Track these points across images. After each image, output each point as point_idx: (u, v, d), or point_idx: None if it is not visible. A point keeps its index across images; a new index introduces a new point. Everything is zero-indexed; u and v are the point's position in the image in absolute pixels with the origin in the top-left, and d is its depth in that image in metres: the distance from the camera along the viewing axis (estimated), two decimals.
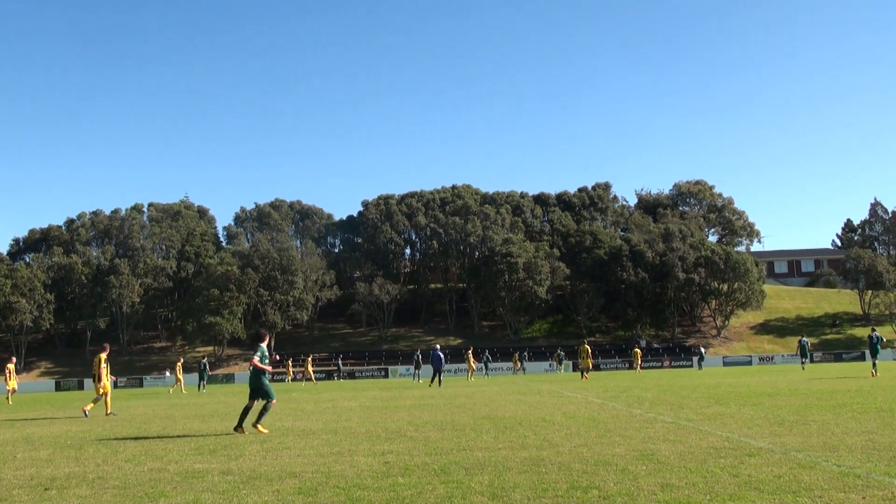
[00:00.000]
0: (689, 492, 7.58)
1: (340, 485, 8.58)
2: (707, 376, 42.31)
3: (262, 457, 11.17)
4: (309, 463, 10.35)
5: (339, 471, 9.56)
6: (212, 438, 14.35)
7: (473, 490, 8.03)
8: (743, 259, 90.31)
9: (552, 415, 17.28)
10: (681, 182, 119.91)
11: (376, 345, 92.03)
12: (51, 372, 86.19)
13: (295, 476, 9.25)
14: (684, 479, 8.26)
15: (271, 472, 9.59)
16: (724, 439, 11.55)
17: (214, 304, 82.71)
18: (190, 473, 9.77)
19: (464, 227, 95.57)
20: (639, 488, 7.81)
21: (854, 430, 12.37)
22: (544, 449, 11.05)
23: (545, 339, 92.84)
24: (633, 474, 8.61)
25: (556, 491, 7.84)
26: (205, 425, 17.66)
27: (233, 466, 10.24)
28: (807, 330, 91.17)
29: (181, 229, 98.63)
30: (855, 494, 7.27)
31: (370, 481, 8.73)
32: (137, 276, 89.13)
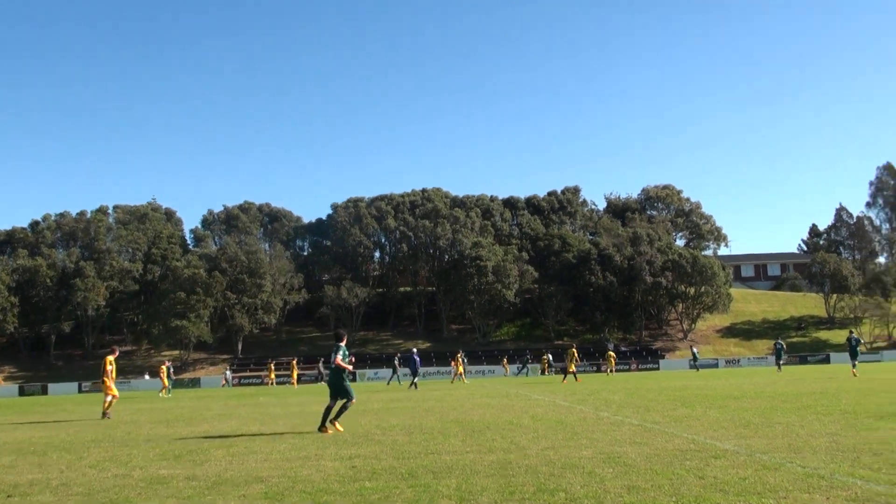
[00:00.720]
0: (656, 494, 7.63)
1: (307, 489, 8.55)
2: (674, 379, 42.57)
3: (228, 462, 11.10)
4: (275, 468, 10.31)
5: (305, 475, 9.53)
6: (177, 443, 14.24)
7: (441, 493, 8.03)
8: (710, 263, 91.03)
9: (520, 418, 17.33)
10: (649, 187, 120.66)
11: None
12: (14, 377, 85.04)
13: (261, 481, 9.20)
14: (650, 481, 8.31)
15: (237, 478, 9.53)
16: (690, 441, 11.64)
17: (181, 308, 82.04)
18: (155, 479, 9.69)
19: (433, 230, 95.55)
20: (605, 491, 7.85)
21: (818, 431, 12.52)
22: (512, 452, 11.08)
23: (513, 343, 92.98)
24: (600, 477, 8.66)
25: (524, 494, 7.86)
26: (170, 430, 17.53)
27: (198, 472, 10.17)
28: (773, 333, 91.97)
29: (148, 232, 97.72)
30: (819, 495, 7.35)
31: (337, 486, 8.71)
32: (103, 279, 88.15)
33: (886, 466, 8.79)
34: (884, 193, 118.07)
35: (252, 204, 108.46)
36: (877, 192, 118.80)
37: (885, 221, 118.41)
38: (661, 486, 8.02)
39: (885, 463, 9.03)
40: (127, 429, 18.41)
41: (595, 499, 7.51)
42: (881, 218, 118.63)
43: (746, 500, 7.23)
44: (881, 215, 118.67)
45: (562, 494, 7.75)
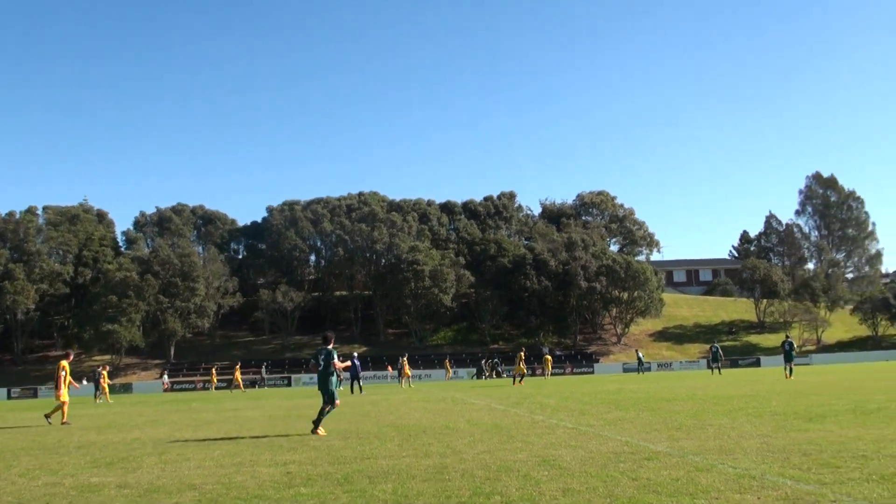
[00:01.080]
0: (590, 496, 7.70)
1: (241, 496, 8.45)
2: (608, 382, 43.01)
3: (161, 469, 10.92)
4: (209, 474, 10.16)
5: (239, 482, 9.41)
6: (109, 450, 13.96)
7: (377, 498, 8.00)
8: (643, 268, 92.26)
9: (456, 422, 17.34)
10: (584, 193, 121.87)
11: (279, 353, 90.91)
12: None
13: (194, 488, 9.07)
14: (585, 483, 8.38)
15: (170, 485, 9.38)
16: (624, 444, 11.77)
17: (112, 312, 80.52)
18: (86, 487, 9.49)
19: (370, 234, 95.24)
20: (541, 493, 7.89)
21: (749, 433, 12.74)
22: (448, 456, 11.08)
23: (450, 347, 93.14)
24: (535, 480, 8.71)
25: (460, 498, 7.87)
26: (101, 437, 17.18)
27: (130, 479, 9.99)
28: (704, 337, 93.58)
29: (79, 233, 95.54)
30: (750, 495, 7.48)
31: (272, 492, 8.62)
32: (33, 282, 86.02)
33: (816, 466, 8.98)
34: (812, 202, 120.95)
35: (185, 206, 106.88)
36: (806, 200, 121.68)
37: (813, 229, 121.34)
38: (596, 488, 8.09)
39: (815, 463, 9.23)
40: (58, 436, 18.00)
41: (530, 501, 7.55)
42: (810, 226, 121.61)
43: (679, 501, 7.33)
44: (810, 223, 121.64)
45: (497, 498, 7.78)
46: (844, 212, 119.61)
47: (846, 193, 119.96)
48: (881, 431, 12.31)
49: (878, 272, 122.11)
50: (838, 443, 11.03)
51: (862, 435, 11.90)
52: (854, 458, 9.56)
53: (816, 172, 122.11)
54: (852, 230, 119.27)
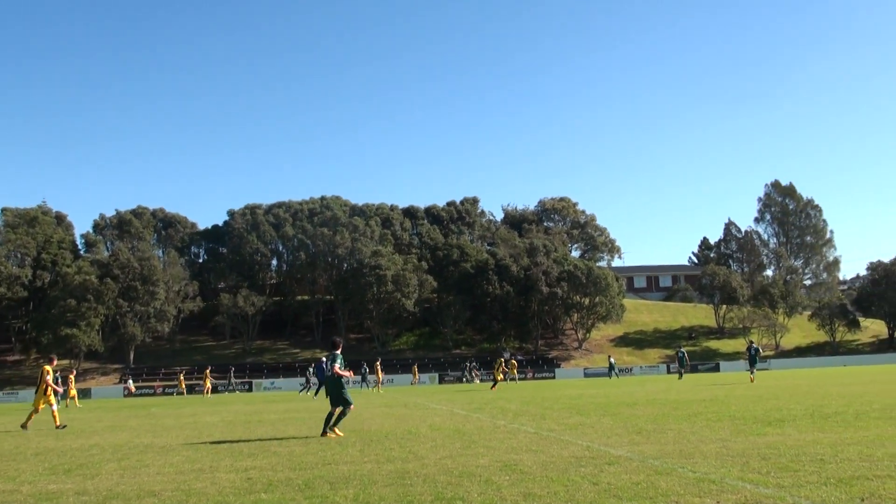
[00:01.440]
0: (551, 500, 7.72)
1: (201, 503, 8.37)
2: (569, 387, 43.19)
3: (120, 475, 10.78)
4: (168, 481, 10.05)
5: (199, 488, 9.32)
6: (67, 457, 13.76)
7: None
8: (604, 274, 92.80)
9: (418, 427, 17.33)
10: (546, 199, 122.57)
11: (240, 358, 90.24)
12: None
13: (154, 495, 8.97)
14: (546, 488, 8.40)
15: (129, 492, 9.26)
16: (585, 448, 11.81)
17: (71, 316, 79.36)
18: (44, 495, 9.34)
19: (332, 238, 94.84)
20: (502, 498, 7.90)
21: (708, 437, 12.85)
22: (410, 461, 11.06)
23: (412, 352, 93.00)
24: (497, 485, 8.71)
25: (422, 503, 7.86)
26: (60, 443, 16.92)
27: (89, 486, 9.85)
28: (664, 342, 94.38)
29: (37, 236, 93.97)
30: (710, 499, 7.54)
31: (232, 498, 8.55)
32: None
33: (775, 470, 9.08)
34: (771, 209, 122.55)
35: (146, 209, 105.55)
36: (764, 208, 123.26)
37: (772, 236, 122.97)
38: (557, 492, 8.12)
39: (774, 467, 9.33)
40: (15, 442, 17.72)
41: None
42: (769, 233, 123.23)
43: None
44: (769, 230, 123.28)
45: (459, 503, 7.78)
46: (803, 219, 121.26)
47: (804, 202, 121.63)
48: (839, 435, 12.47)
49: (836, 279, 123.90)
50: (796, 447, 11.15)
51: (820, 439, 12.05)
52: (812, 461, 9.67)
53: (775, 181, 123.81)
54: (810, 237, 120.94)
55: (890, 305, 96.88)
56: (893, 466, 9.06)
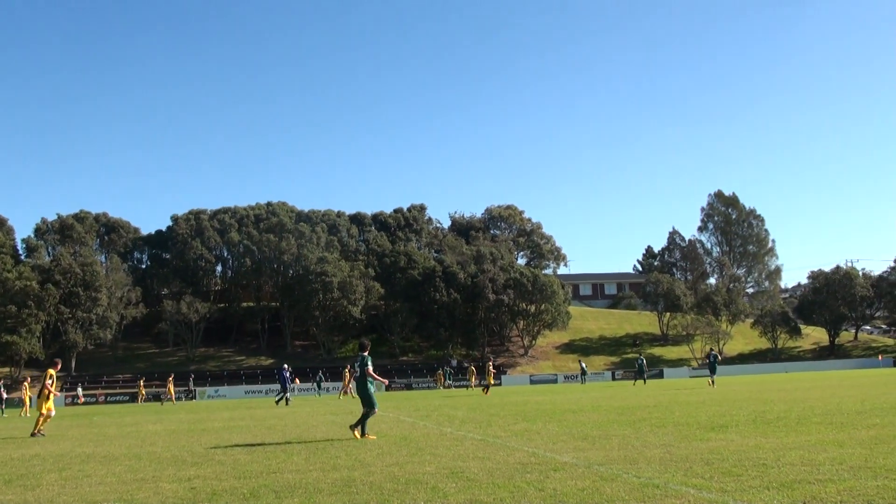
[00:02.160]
0: None
1: None
2: (515, 394, 43.34)
3: (61, 486, 10.55)
4: (111, 491, 9.85)
5: (142, 498, 9.15)
6: (7, 467, 13.42)
7: None
8: (550, 281, 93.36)
9: None
10: (493, 206, 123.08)
11: (184, 365, 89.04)
12: None
13: None
14: (492, 494, 8.39)
15: (71, 503, 9.07)
16: (531, 455, 11.84)
17: (11, 322, 77.72)
18: None
19: (278, 244, 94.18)
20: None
21: (652, 443, 12.96)
22: (356, 469, 10.98)
23: None
24: (443, 492, 8.68)
25: None
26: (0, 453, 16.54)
27: (29, 497, 9.62)
28: (609, 349, 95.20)
29: None
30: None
31: None
32: None
33: (717, 475, 9.17)
34: (714, 219, 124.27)
35: (88, 213, 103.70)
36: (708, 217, 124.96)
37: (715, 245, 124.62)
38: (503, 499, 8.11)
39: (717, 472, 9.42)
40: None
41: None
42: (712, 241, 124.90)
43: None
44: (712, 239, 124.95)
45: None
46: (745, 229, 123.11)
47: (747, 211, 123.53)
48: (780, 440, 12.66)
49: (778, 287, 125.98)
50: (739, 452, 11.29)
51: (762, 444, 12.21)
52: (755, 466, 9.79)
53: (718, 191, 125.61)
54: (753, 247, 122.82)
55: (830, 313, 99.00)
56: (834, 470, 9.21)
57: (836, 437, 12.78)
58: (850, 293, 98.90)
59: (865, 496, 7.61)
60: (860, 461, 9.89)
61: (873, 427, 14.33)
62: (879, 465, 9.46)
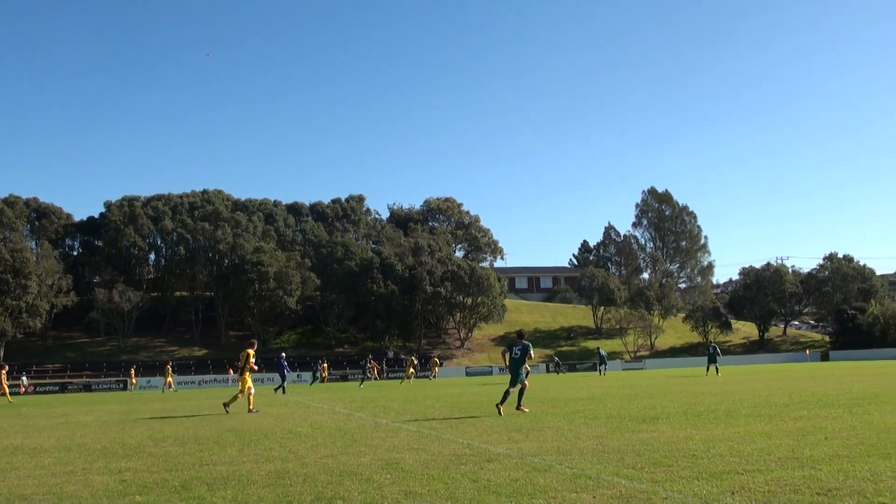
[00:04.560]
0: (432, 498, 7.74)
1: None
2: (450, 386, 43.47)
3: None
4: (40, 484, 9.65)
5: (72, 491, 8.99)
6: None
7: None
8: (487, 274, 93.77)
9: (298, 426, 17.15)
10: (431, 198, 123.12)
11: (115, 355, 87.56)
12: None
13: (24, 499, 8.60)
14: (427, 486, 8.42)
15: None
16: (466, 446, 11.89)
17: None
18: None
19: (213, 233, 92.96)
20: (383, 497, 7.88)
21: (586, 434, 13.11)
22: (289, 461, 10.92)
23: (294, 350, 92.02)
24: (378, 483, 8.68)
25: (301, 503, 7.77)
26: None
27: None
28: (544, 342, 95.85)
29: None
30: (586, 494, 7.68)
31: (106, 501, 8.27)
32: None
33: (648, 466, 9.32)
34: (648, 215, 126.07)
35: (18, 198, 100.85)
36: (642, 213, 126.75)
37: (649, 241, 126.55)
38: (437, 490, 8.14)
39: (648, 462, 9.57)
40: None
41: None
42: (645, 237, 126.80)
43: (518, 502, 7.44)
44: (646, 235, 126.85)
45: (340, 502, 7.71)
46: (678, 225, 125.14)
47: (680, 208, 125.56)
48: (710, 432, 12.90)
49: (710, 283, 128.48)
50: (670, 443, 11.48)
51: (692, 435, 12.43)
52: (685, 457, 9.97)
53: (652, 187, 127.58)
54: (685, 243, 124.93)
55: (760, 308, 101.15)
56: (762, 461, 9.41)
57: (764, 429, 13.06)
58: (779, 289, 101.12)
59: (792, 486, 7.79)
60: (787, 452, 10.12)
61: (800, 419, 14.67)
62: (806, 456, 9.70)
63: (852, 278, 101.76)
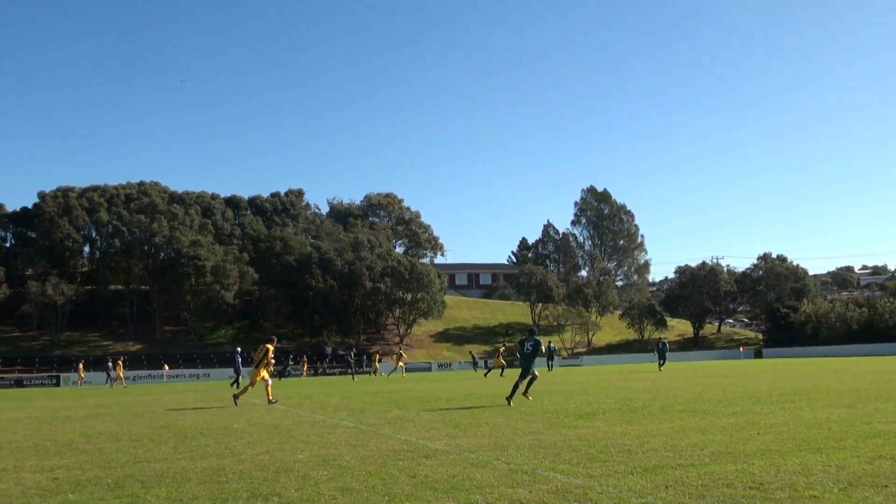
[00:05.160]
0: (369, 494, 7.74)
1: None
2: (389, 382, 43.46)
3: None
4: None
5: (2, 490, 8.81)
6: None
7: (150, 503, 7.72)
8: (427, 270, 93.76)
9: (234, 422, 17.01)
10: (371, 194, 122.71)
11: (47, 350, 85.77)
12: None
13: None
14: (364, 482, 8.41)
15: None
16: (403, 442, 11.92)
17: None
18: None
19: (149, 226, 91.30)
20: (320, 493, 7.86)
21: (522, 430, 13.22)
22: (225, 458, 10.83)
23: (230, 346, 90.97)
24: (315, 480, 8.66)
25: (237, 500, 7.72)
26: None
27: None
28: (482, 338, 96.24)
29: None
30: (523, 489, 7.75)
31: (38, 500, 8.13)
32: None
33: (584, 461, 9.43)
34: (587, 213, 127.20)
35: None
36: (581, 212, 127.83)
37: (587, 239, 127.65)
38: (375, 486, 8.15)
39: (583, 458, 9.68)
40: None
41: (309, 502, 7.50)
42: (584, 235, 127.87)
43: (455, 497, 7.48)
44: (584, 233, 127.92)
45: (276, 499, 7.68)
46: (616, 224, 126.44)
47: (618, 207, 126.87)
48: (645, 427, 13.10)
49: (646, 281, 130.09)
50: (605, 438, 11.63)
51: (627, 431, 12.61)
52: (620, 452, 10.11)
53: (591, 186, 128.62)
54: (623, 241, 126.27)
55: (695, 306, 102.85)
56: (696, 456, 9.59)
57: (698, 425, 13.29)
58: (714, 288, 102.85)
59: (725, 480, 7.95)
60: (720, 447, 10.32)
61: (733, 415, 14.95)
62: (738, 451, 9.90)
63: (785, 278, 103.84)
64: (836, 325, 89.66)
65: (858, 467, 8.46)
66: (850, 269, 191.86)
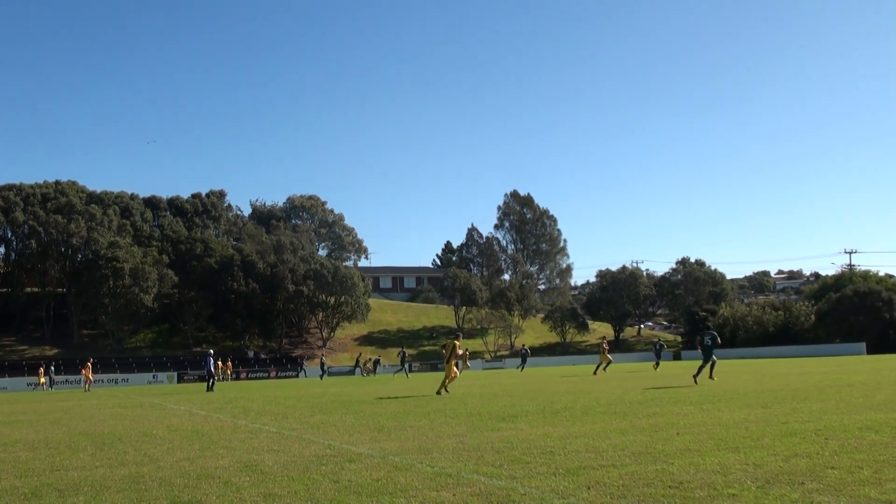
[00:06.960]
0: (292, 499, 7.70)
1: None
2: (311, 386, 43.17)
3: None
4: None
5: None
6: None
7: None
8: (350, 273, 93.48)
9: (154, 428, 16.75)
10: (294, 196, 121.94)
11: None
12: None
13: None
14: (287, 487, 8.37)
15: None
16: (327, 447, 11.87)
17: None
18: None
19: (66, 226, 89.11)
20: (242, 499, 7.79)
21: (446, 433, 13.27)
22: (145, 465, 10.66)
23: (150, 350, 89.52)
24: (237, 486, 8.58)
25: None
26: None
27: None
28: (407, 342, 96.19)
29: None
30: (447, 492, 7.79)
31: None
32: None
33: (507, 463, 9.51)
34: (510, 218, 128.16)
35: None
36: (504, 216, 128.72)
37: (510, 243, 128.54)
38: (298, 491, 8.11)
39: (506, 460, 9.77)
40: None
41: None
42: (507, 239, 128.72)
43: (379, 501, 7.49)
44: (507, 237, 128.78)
45: None
46: (539, 228, 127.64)
47: (541, 211, 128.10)
48: (567, 429, 13.26)
49: (568, 284, 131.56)
50: (528, 440, 11.74)
51: (550, 433, 12.75)
52: (542, 454, 10.22)
53: (514, 191, 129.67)
54: (545, 245, 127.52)
55: (616, 310, 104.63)
56: (617, 456, 9.74)
57: (618, 426, 13.51)
58: (634, 291, 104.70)
59: (646, 480, 8.10)
60: (641, 447, 10.51)
61: (653, 416, 15.23)
62: (658, 451, 10.09)
63: (704, 282, 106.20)
64: (754, 327, 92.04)
65: (775, 465, 8.69)
66: (767, 274, 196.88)
